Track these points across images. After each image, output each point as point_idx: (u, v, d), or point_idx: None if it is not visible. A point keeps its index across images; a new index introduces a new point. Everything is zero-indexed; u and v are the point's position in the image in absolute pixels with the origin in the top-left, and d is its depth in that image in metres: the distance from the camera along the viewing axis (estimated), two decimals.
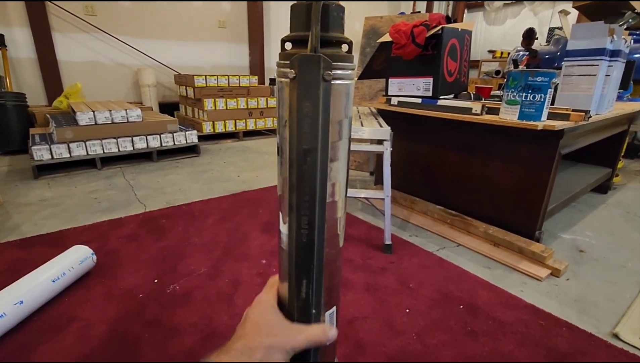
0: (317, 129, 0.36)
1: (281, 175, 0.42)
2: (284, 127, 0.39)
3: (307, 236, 0.39)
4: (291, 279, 0.41)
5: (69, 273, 1.19)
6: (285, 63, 0.37)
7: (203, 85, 3.64)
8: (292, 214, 0.39)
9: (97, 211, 1.90)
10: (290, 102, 0.36)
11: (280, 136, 0.40)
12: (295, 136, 0.36)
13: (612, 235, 1.75)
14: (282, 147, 0.40)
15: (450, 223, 1.77)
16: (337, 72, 0.37)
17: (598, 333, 1.07)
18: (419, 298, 1.22)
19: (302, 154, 0.36)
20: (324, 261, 0.42)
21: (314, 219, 0.39)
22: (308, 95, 0.35)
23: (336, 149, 0.40)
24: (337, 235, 0.45)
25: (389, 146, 1.51)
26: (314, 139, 0.36)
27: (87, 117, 2.64)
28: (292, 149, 0.37)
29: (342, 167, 0.42)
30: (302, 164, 0.37)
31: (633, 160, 3.26)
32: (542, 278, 1.35)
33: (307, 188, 0.37)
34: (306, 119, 0.35)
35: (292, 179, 0.38)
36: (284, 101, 0.38)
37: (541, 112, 1.32)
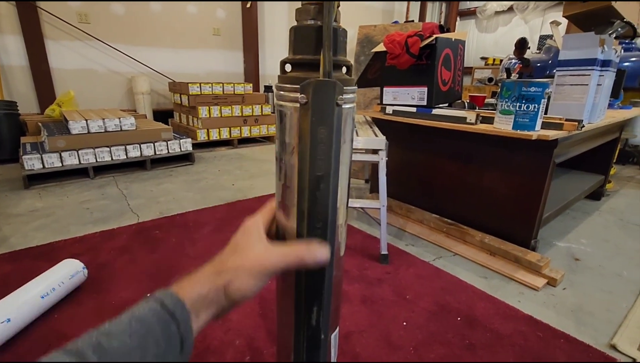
0: (331, 155, 0.35)
1: (282, 200, 0.41)
2: (292, 154, 0.38)
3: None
4: (300, 306, 0.39)
5: (58, 288, 1.16)
6: (292, 88, 0.36)
7: (197, 93, 3.62)
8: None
9: (89, 221, 1.87)
10: (301, 129, 0.35)
11: (284, 162, 0.39)
12: (307, 163, 0.35)
13: (607, 243, 1.76)
14: (287, 174, 0.39)
15: (446, 231, 1.76)
16: (346, 96, 0.37)
17: (596, 345, 1.06)
18: (416, 310, 1.20)
19: (314, 182, 0.35)
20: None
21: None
22: (323, 121, 0.34)
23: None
24: (340, 258, 0.45)
25: (384, 155, 1.50)
26: (327, 165, 0.35)
27: (79, 126, 2.61)
28: (303, 176, 0.35)
29: (343, 187, 0.41)
30: (314, 191, 0.36)
31: (625, 166, 3.30)
32: (539, 288, 1.35)
33: (320, 215, 0.36)
34: (320, 145, 0.34)
35: (303, 207, 0.37)
36: (291, 127, 0.37)
37: (535, 122, 1.33)
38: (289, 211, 0.40)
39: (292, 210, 0.39)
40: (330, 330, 0.46)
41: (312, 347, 0.40)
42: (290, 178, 0.39)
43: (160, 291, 0.31)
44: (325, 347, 0.41)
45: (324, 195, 0.36)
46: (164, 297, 0.31)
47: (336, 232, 0.41)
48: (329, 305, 0.41)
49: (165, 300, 0.30)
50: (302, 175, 0.36)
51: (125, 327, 0.28)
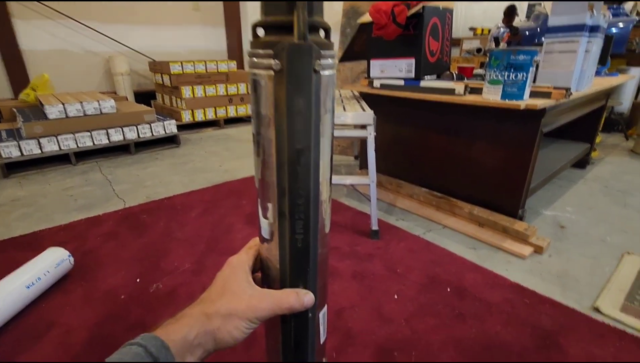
0: (311, 126, 0.32)
1: (262, 177, 0.38)
2: (268, 127, 0.35)
3: (302, 241, 0.37)
4: (285, 286, 0.38)
5: (44, 277, 1.14)
6: (266, 53, 0.32)
7: (179, 72, 3.49)
8: (283, 220, 0.36)
9: (74, 209, 1.83)
10: (276, 99, 0.32)
11: (261, 136, 0.36)
12: (285, 136, 0.32)
13: (592, 210, 1.79)
14: (265, 148, 0.36)
15: (436, 205, 1.77)
16: (325, 61, 0.33)
17: (580, 308, 1.10)
18: (407, 283, 1.22)
19: (294, 155, 0.33)
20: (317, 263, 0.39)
21: (308, 222, 0.36)
22: (300, 89, 0.31)
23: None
24: (325, 234, 0.43)
25: (373, 130, 1.48)
26: (307, 137, 0.32)
27: (56, 110, 2.50)
28: (282, 150, 0.33)
29: (326, 161, 0.39)
30: (295, 165, 0.33)
31: (610, 134, 3.34)
32: (526, 256, 1.38)
33: (301, 191, 0.34)
34: (298, 117, 0.32)
35: (283, 183, 0.34)
36: (266, 97, 0.34)
37: (523, 91, 1.31)
38: (269, 189, 0.37)
39: (272, 189, 0.36)
40: (318, 309, 0.45)
41: (300, 326, 0.39)
42: (268, 153, 0.36)
43: (144, 336, 0.30)
44: (313, 326, 0.40)
45: (305, 170, 0.34)
46: (147, 342, 0.30)
47: (320, 208, 0.39)
48: (314, 283, 0.39)
49: (149, 345, 0.30)
50: (281, 149, 0.33)
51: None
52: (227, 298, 0.34)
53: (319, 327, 0.47)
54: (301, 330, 0.39)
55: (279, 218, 0.36)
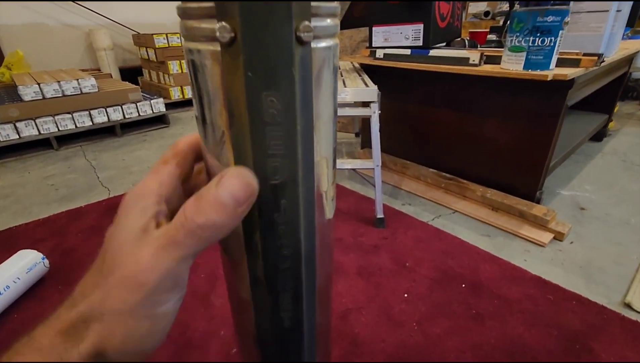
0: (296, 142, 0.18)
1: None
2: (220, 145, 0.20)
3: (291, 320, 0.23)
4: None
5: (14, 285, 1.02)
6: (205, 11, 0.16)
7: (165, 45, 3.24)
8: (259, 289, 0.22)
9: (54, 200, 1.69)
10: (228, 95, 0.17)
11: (214, 154, 0.21)
12: (250, 165, 0.18)
13: (612, 188, 1.66)
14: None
15: (445, 187, 1.64)
16: (319, 23, 0.18)
17: (609, 304, 0.99)
18: (417, 279, 1.11)
19: (270, 196, 0.19)
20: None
21: (300, 291, 0.22)
22: (270, 80, 0.16)
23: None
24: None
25: (377, 108, 1.32)
26: (292, 163, 0.18)
27: (31, 91, 2.30)
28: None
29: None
30: (271, 213, 0.19)
31: (624, 102, 3.15)
32: (546, 244, 1.26)
33: (285, 249, 0.21)
34: (271, 129, 0.17)
35: (253, 240, 0.20)
36: (213, 92, 0.18)
37: (550, 59, 1.15)
38: (238, 247, 0.23)
39: (236, 237, 0.22)
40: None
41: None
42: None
43: None
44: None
45: (290, 217, 0.20)
46: None
47: (323, 259, 0.25)
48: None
49: None
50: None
51: None
52: (103, 279, 0.19)
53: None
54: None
55: (252, 285, 0.23)
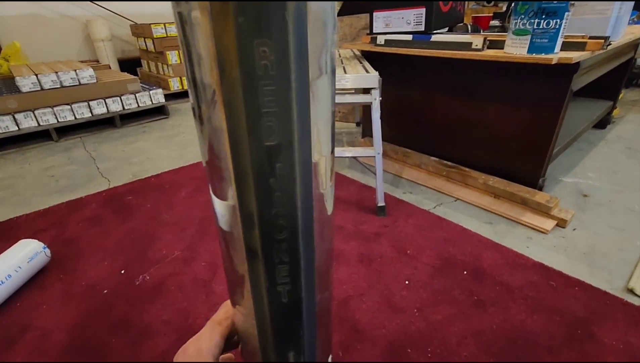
0: (291, 99, 0.16)
1: (217, 192, 0.22)
2: (212, 106, 0.18)
3: (289, 294, 0.22)
4: (268, 355, 0.24)
5: (16, 274, 1.02)
6: None
7: (163, 35, 3.20)
8: (255, 262, 0.21)
9: (54, 191, 1.69)
10: (219, 51, 0.16)
11: (206, 123, 0.19)
12: (242, 123, 0.17)
13: (615, 175, 1.65)
14: (214, 145, 0.20)
15: (446, 175, 1.63)
16: None
17: (612, 290, 0.99)
18: (419, 266, 1.11)
19: (264, 159, 0.18)
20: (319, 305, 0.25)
21: (298, 264, 0.21)
22: (267, 29, 0.15)
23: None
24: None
25: (378, 95, 1.30)
26: (287, 123, 0.17)
27: (29, 82, 2.28)
28: (241, 150, 0.18)
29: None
30: (266, 178, 0.18)
31: (628, 89, 3.11)
32: (548, 231, 1.25)
33: (282, 218, 0.19)
34: (264, 83, 0.16)
35: (247, 208, 0.19)
36: (203, 45, 0.16)
37: (555, 42, 1.12)
38: (233, 218, 0.22)
39: (232, 209, 0.21)
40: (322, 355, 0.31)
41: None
42: (219, 152, 0.20)
43: None
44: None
45: (287, 182, 0.19)
46: None
47: (323, 231, 0.24)
48: (313, 344, 0.26)
49: None
50: (238, 147, 0.17)
51: None
52: None
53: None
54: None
55: (249, 258, 0.22)
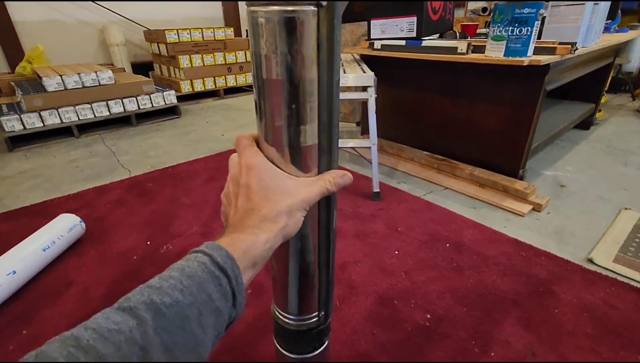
0: (339, 58, 0.34)
1: (292, 124, 0.37)
2: (310, 67, 0.34)
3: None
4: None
5: (58, 241, 1.19)
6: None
7: (176, 40, 3.41)
8: (323, 156, 0.38)
9: (80, 179, 1.86)
10: (320, 35, 0.33)
11: (299, 79, 0.34)
12: (326, 71, 0.34)
13: (592, 169, 1.80)
14: (306, 90, 0.35)
15: (437, 167, 1.79)
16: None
17: (574, 260, 1.14)
18: (408, 240, 1.26)
19: (335, 86, 0.35)
20: None
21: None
22: (339, 21, 0.32)
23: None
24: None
25: (373, 92, 1.47)
26: (339, 69, 0.35)
27: (54, 82, 2.48)
28: (324, 85, 0.34)
29: None
30: (333, 98, 0.35)
31: (617, 95, 3.27)
32: (525, 214, 1.41)
33: (335, 122, 0.37)
34: (337, 50, 0.33)
35: (324, 117, 0.36)
36: (309, 36, 0.33)
37: (527, 47, 1.29)
38: (297, 132, 0.37)
39: (305, 128, 0.37)
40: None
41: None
42: (309, 93, 0.35)
43: (208, 244, 0.30)
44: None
45: (337, 100, 0.36)
46: (212, 252, 0.29)
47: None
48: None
49: (214, 254, 0.29)
50: (323, 85, 0.35)
51: (176, 283, 0.26)
52: (279, 197, 0.34)
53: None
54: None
55: (320, 154, 0.38)
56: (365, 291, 1.03)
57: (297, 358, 0.53)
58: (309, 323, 0.50)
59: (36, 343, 0.88)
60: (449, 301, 0.99)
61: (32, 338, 0.91)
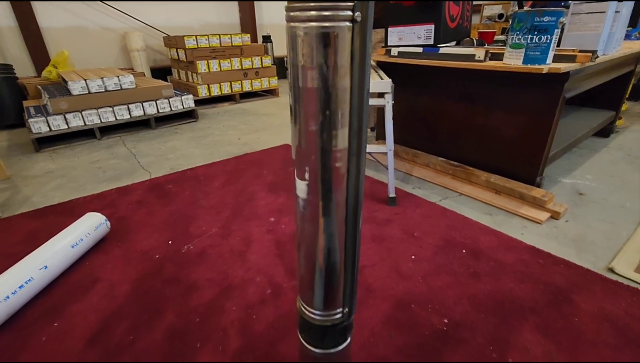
0: (369, 69, 0.39)
1: (326, 129, 0.41)
2: (343, 77, 0.38)
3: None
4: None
5: (86, 239, 1.24)
6: (346, 6, 0.34)
7: (194, 46, 3.50)
8: (352, 159, 0.42)
9: (103, 180, 1.93)
10: (353, 48, 0.36)
11: (333, 87, 0.38)
12: (357, 80, 0.37)
13: (613, 177, 1.77)
14: (338, 98, 0.39)
15: (452, 173, 1.79)
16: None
17: (594, 269, 1.13)
18: (424, 245, 1.27)
19: (366, 94, 0.39)
20: None
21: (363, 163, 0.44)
22: (370, 34, 0.36)
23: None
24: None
25: (391, 98, 1.49)
26: (369, 79, 0.39)
27: (79, 86, 2.57)
28: (355, 94, 0.38)
29: None
30: (363, 107, 0.39)
31: (637, 102, 3.21)
32: (542, 221, 1.40)
33: (364, 128, 0.41)
34: (369, 59, 0.37)
35: (354, 123, 0.40)
36: (343, 49, 0.36)
37: (547, 55, 1.29)
38: (330, 137, 0.41)
39: (337, 133, 0.41)
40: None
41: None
42: (341, 101, 0.39)
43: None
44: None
45: (367, 106, 0.40)
46: None
47: None
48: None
49: None
50: (354, 94, 0.38)
51: None
52: None
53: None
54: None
55: (349, 157, 0.42)
56: (383, 295, 1.04)
57: (321, 353, 0.55)
58: (333, 319, 0.52)
59: (66, 336, 0.92)
60: (467, 307, 0.99)
61: (63, 330, 0.95)
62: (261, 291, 1.07)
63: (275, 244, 1.29)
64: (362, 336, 0.91)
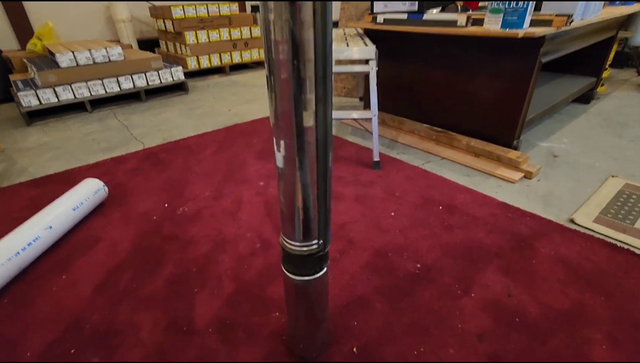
0: (331, 20, 0.45)
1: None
2: (308, 30, 0.45)
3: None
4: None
5: (86, 202, 1.31)
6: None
7: (182, 16, 3.43)
8: (319, 106, 0.48)
9: (98, 151, 1.97)
10: (315, 4, 0.43)
11: (299, 39, 0.45)
12: (321, 33, 0.44)
13: (587, 140, 1.86)
14: (303, 49, 0.45)
15: (435, 139, 1.87)
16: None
17: (557, 220, 1.24)
18: (404, 203, 1.36)
19: (328, 47, 0.46)
20: None
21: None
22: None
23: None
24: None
25: (375, 65, 1.53)
26: (330, 29, 0.45)
27: (67, 58, 2.55)
28: (319, 45, 0.45)
29: None
30: (329, 55, 0.46)
31: (622, 69, 3.26)
32: (516, 181, 1.50)
33: (329, 80, 0.47)
34: (330, 15, 0.44)
35: (320, 72, 0.46)
36: (306, 6, 0.43)
37: (524, 19, 1.34)
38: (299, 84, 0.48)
39: (307, 79, 0.48)
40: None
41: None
42: (305, 51, 0.46)
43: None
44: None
45: (330, 57, 0.48)
46: None
47: None
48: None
49: None
50: (319, 44, 0.46)
51: None
52: None
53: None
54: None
55: (317, 103, 0.48)
56: (363, 246, 1.14)
57: (301, 280, 0.65)
58: (310, 249, 0.61)
59: (75, 285, 1.01)
60: (438, 254, 1.10)
61: (71, 281, 1.05)
62: (251, 245, 1.17)
63: (264, 205, 1.38)
64: (343, 280, 1.02)
